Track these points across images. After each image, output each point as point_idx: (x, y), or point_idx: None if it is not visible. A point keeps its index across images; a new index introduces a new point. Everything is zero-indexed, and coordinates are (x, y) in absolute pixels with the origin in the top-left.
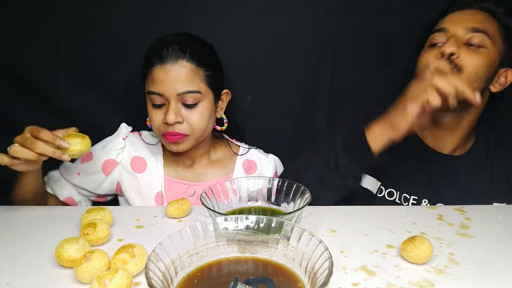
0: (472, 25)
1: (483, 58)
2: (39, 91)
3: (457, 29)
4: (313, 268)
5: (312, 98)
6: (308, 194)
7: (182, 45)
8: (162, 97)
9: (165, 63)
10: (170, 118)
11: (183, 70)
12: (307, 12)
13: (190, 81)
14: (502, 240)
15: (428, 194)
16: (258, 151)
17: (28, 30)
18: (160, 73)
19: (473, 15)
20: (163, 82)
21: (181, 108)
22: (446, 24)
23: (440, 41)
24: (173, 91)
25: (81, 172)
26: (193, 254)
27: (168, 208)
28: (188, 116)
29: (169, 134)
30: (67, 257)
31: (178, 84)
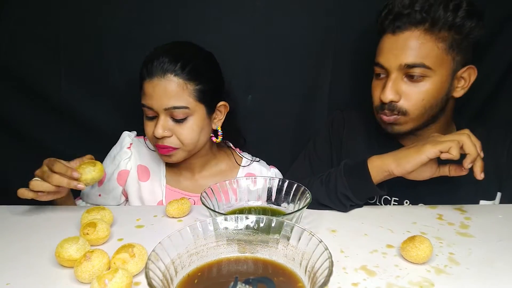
0: (406, 61)
1: (427, 89)
2: (39, 91)
3: (392, 68)
4: (313, 268)
5: (312, 98)
6: (308, 194)
7: (172, 58)
8: (152, 110)
9: (153, 77)
10: (157, 132)
11: (170, 85)
12: (307, 12)
13: (177, 96)
14: (502, 239)
15: (409, 195)
16: (260, 164)
17: (28, 30)
18: (149, 87)
19: (405, 43)
20: (151, 96)
21: (169, 122)
22: (382, 59)
23: (380, 73)
24: (160, 106)
25: (101, 193)
26: (193, 253)
27: (168, 207)
28: (177, 130)
29: (159, 147)
30: (67, 257)
31: (165, 99)
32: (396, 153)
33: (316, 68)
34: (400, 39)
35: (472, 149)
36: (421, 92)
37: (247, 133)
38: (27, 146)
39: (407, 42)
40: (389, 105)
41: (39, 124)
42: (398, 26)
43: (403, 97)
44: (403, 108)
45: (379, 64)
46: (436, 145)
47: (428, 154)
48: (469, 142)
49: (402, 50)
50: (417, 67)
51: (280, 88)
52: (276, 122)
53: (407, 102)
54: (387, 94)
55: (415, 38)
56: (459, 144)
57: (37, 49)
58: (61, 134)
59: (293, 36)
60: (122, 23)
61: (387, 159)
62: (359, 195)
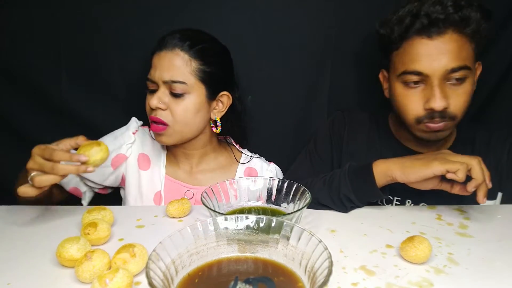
0: (451, 65)
1: (468, 91)
2: (40, 91)
3: (435, 74)
4: (313, 268)
5: (312, 98)
6: (308, 194)
7: (184, 36)
8: (153, 83)
9: (161, 49)
10: (152, 102)
11: (175, 58)
12: (307, 12)
13: (179, 71)
14: (501, 240)
15: (412, 194)
16: (260, 160)
17: (28, 30)
18: (155, 59)
19: (446, 47)
20: (155, 67)
21: (167, 96)
22: (419, 66)
23: (416, 81)
24: (160, 77)
25: None
26: (194, 253)
27: (169, 208)
28: (172, 105)
29: (152, 120)
30: (68, 257)
31: (167, 71)
32: (403, 161)
33: (316, 68)
34: (439, 44)
35: (479, 175)
36: (465, 93)
37: (247, 133)
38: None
39: (448, 46)
40: (440, 113)
41: (39, 124)
42: (436, 31)
43: (450, 102)
44: (453, 113)
45: (417, 71)
46: (445, 164)
47: (434, 171)
48: (478, 168)
49: (444, 54)
50: (460, 69)
51: (280, 88)
52: (276, 122)
53: (455, 106)
54: (439, 102)
55: (455, 40)
56: (468, 167)
57: (37, 49)
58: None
59: (293, 36)
60: (122, 23)
61: (392, 165)
62: (361, 198)
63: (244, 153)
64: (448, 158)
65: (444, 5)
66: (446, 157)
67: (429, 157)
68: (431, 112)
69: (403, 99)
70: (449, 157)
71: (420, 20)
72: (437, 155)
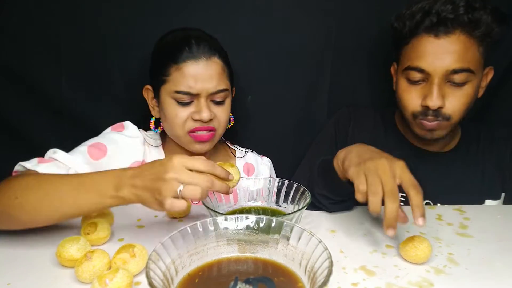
0: (453, 66)
1: (468, 95)
2: (40, 91)
3: (436, 73)
4: (313, 268)
5: (312, 98)
6: (308, 194)
7: (211, 42)
8: (190, 95)
9: (198, 59)
10: (205, 115)
11: (216, 67)
12: (307, 12)
13: (221, 79)
14: (501, 240)
15: None
16: (253, 154)
17: (28, 30)
18: (192, 70)
19: (451, 48)
20: (195, 78)
21: (211, 105)
22: (424, 63)
23: (418, 78)
24: (205, 89)
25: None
26: (194, 253)
27: None
28: (218, 113)
29: (199, 130)
30: (68, 257)
31: (211, 81)
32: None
33: (316, 68)
34: (445, 43)
35: (372, 207)
36: (464, 96)
37: (247, 133)
38: (27, 146)
39: (453, 46)
40: (434, 111)
41: (39, 124)
42: (443, 30)
43: (447, 102)
44: (447, 114)
45: (419, 68)
46: (355, 176)
47: (348, 176)
48: (372, 199)
49: (449, 54)
50: (463, 72)
51: (280, 88)
52: (276, 122)
53: (452, 108)
54: (434, 100)
55: (461, 42)
56: (366, 196)
57: (37, 49)
58: (61, 134)
59: (293, 36)
60: (122, 23)
61: (342, 154)
62: (334, 192)
63: (238, 148)
64: (367, 171)
65: (455, 5)
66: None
67: (366, 158)
68: (426, 109)
69: (404, 94)
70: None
71: (430, 17)
72: (372, 161)
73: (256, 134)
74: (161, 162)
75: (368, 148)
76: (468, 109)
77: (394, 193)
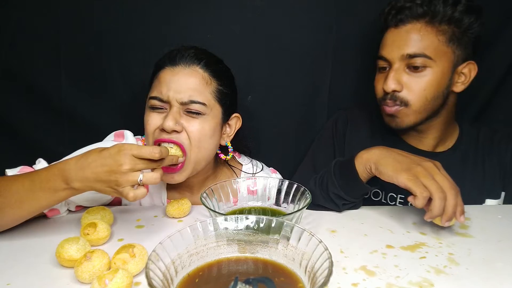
0: (407, 52)
1: (428, 80)
2: (40, 91)
3: (394, 59)
4: (313, 268)
5: (312, 98)
6: (308, 195)
7: (199, 53)
8: (163, 102)
9: (176, 65)
10: (168, 124)
11: (195, 76)
12: (307, 12)
13: (198, 90)
14: (502, 240)
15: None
16: (263, 172)
17: (28, 30)
18: (167, 75)
19: (407, 36)
20: (168, 84)
21: (182, 116)
22: (384, 52)
23: (383, 66)
24: (177, 96)
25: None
26: (193, 254)
27: (168, 208)
28: (188, 127)
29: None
30: (67, 257)
31: (185, 89)
32: (382, 156)
33: (316, 68)
34: (402, 31)
35: (435, 210)
36: (423, 82)
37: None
38: (27, 146)
39: (409, 34)
40: (391, 95)
41: (38, 124)
42: (401, 19)
43: (405, 88)
44: (405, 99)
45: (382, 57)
46: (410, 182)
47: (399, 182)
48: (438, 204)
49: (404, 41)
50: (418, 57)
51: (280, 88)
52: (276, 122)
53: (409, 93)
54: (389, 83)
55: (416, 30)
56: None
57: (38, 50)
58: (61, 134)
59: (293, 36)
60: (122, 24)
61: (371, 157)
62: (350, 193)
63: (244, 163)
64: (421, 176)
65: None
66: (423, 172)
67: (409, 163)
68: (384, 94)
69: (375, 83)
70: (426, 174)
71: (392, 11)
72: (418, 165)
73: (256, 134)
74: (109, 153)
75: (395, 150)
76: (433, 99)
77: (453, 187)
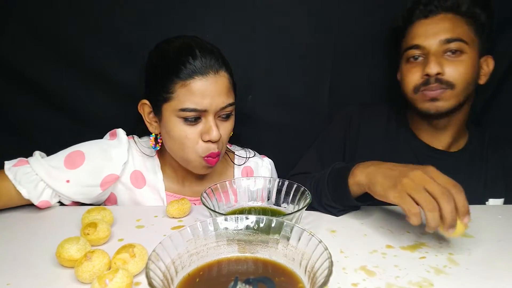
0: (445, 36)
1: (466, 64)
2: (40, 91)
3: (432, 44)
4: (313, 268)
5: (312, 98)
6: (308, 194)
7: (217, 55)
8: (197, 111)
9: (207, 74)
10: (215, 135)
11: (225, 81)
12: (307, 12)
13: (229, 93)
14: (502, 240)
15: None
16: (254, 157)
17: (28, 30)
18: (200, 86)
19: (441, 24)
20: (203, 95)
21: (218, 121)
22: (418, 40)
23: (416, 55)
24: (215, 105)
25: (72, 180)
26: (194, 253)
27: (168, 208)
28: (223, 131)
29: (210, 156)
30: (67, 257)
31: (221, 96)
32: (375, 174)
33: (316, 68)
34: (435, 20)
35: (431, 223)
36: (462, 65)
37: (247, 132)
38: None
39: (443, 22)
40: (436, 79)
41: (39, 123)
42: (431, 10)
43: (446, 70)
44: (450, 80)
45: (416, 45)
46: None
47: (390, 201)
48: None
49: (439, 28)
50: (455, 41)
51: (280, 88)
52: (276, 122)
53: (452, 74)
54: (432, 66)
55: (448, 19)
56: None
57: (38, 49)
58: (61, 134)
59: (293, 36)
60: (122, 23)
61: (362, 177)
62: (344, 205)
63: (236, 152)
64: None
65: None
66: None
67: (396, 177)
68: (427, 78)
69: (405, 73)
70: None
71: (420, 6)
72: (405, 177)
73: (256, 134)
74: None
75: (386, 164)
76: (470, 82)
77: (445, 193)
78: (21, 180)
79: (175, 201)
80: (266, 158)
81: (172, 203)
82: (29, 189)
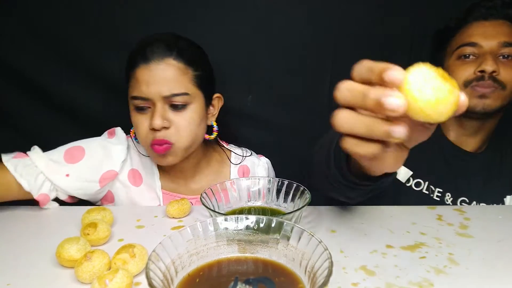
0: (504, 40)
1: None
2: (40, 91)
3: (490, 44)
4: (313, 268)
5: (312, 98)
6: (308, 194)
7: (169, 43)
8: (146, 100)
9: (149, 62)
10: (156, 123)
11: (170, 69)
12: (307, 12)
13: (177, 82)
14: (502, 240)
15: (452, 189)
16: (250, 156)
17: (28, 30)
18: (143, 74)
19: (499, 28)
20: (147, 83)
21: (168, 111)
22: (476, 38)
23: (470, 53)
24: (158, 93)
25: (71, 174)
26: (194, 254)
27: (168, 208)
28: (176, 120)
29: (155, 144)
30: (67, 257)
31: (164, 84)
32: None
33: (316, 68)
34: (494, 24)
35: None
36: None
37: (247, 133)
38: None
39: (502, 26)
40: (490, 76)
41: (39, 123)
42: (492, 14)
43: (501, 71)
44: (503, 81)
45: (472, 42)
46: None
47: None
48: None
49: (498, 31)
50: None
51: (280, 88)
52: (276, 122)
53: (506, 75)
54: (490, 64)
55: (507, 25)
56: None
57: (38, 49)
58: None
59: (293, 36)
60: (122, 23)
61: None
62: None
63: (232, 149)
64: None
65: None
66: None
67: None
68: (481, 75)
69: (455, 67)
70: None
71: (480, 9)
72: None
73: (256, 134)
74: None
75: None
76: None
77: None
78: (22, 172)
79: (175, 201)
80: (263, 157)
81: (172, 203)
82: (29, 181)
